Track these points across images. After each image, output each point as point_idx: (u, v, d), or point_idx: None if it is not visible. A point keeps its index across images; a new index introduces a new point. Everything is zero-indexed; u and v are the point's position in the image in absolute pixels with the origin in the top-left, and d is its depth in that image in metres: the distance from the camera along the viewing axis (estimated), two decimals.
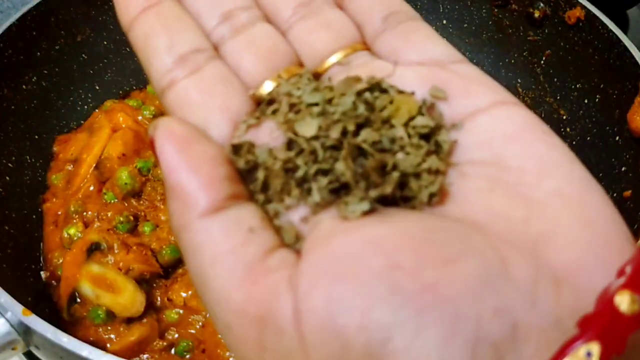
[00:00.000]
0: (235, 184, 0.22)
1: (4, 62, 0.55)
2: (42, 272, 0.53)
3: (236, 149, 0.23)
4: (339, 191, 0.22)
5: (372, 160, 0.22)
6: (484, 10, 0.65)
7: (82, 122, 0.63)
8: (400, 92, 0.23)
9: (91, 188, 0.55)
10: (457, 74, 0.24)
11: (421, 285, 0.18)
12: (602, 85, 0.56)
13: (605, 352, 0.16)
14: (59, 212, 0.55)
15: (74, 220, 0.53)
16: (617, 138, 0.54)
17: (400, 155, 0.22)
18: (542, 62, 0.62)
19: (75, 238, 0.52)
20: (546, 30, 0.61)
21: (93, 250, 0.50)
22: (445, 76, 0.24)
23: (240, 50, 0.25)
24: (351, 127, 0.22)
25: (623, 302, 0.17)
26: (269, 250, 0.20)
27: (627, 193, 0.51)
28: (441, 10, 0.67)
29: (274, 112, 0.24)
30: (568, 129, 0.60)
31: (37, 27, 0.58)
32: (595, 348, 0.16)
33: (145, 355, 0.48)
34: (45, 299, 0.51)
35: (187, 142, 0.21)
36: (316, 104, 0.23)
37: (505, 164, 0.21)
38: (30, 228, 0.55)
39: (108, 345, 0.47)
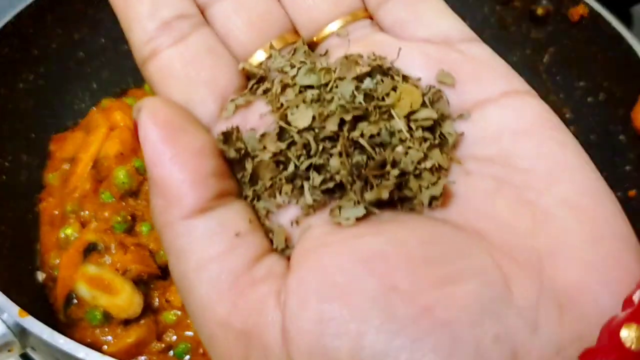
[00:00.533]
0: (222, 179, 0.20)
1: (0, 60, 0.55)
2: (38, 273, 0.53)
3: (226, 137, 0.21)
4: (333, 190, 0.20)
5: (369, 159, 0.20)
6: (486, 8, 0.65)
7: (79, 120, 0.62)
8: (405, 77, 0.22)
9: (88, 187, 0.55)
10: (467, 56, 0.22)
11: (417, 309, 0.17)
12: (605, 84, 0.56)
13: None
14: (56, 212, 0.55)
15: (71, 220, 0.53)
16: (621, 137, 0.53)
17: (400, 150, 0.20)
18: (545, 60, 0.62)
19: (71, 238, 0.52)
20: (549, 28, 0.61)
21: (90, 250, 0.50)
22: (454, 58, 0.22)
23: (229, 14, 0.23)
24: (348, 119, 0.20)
25: (629, 336, 0.16)
26: (257, 257, 0.19)
27: (632, 192, 0.51)
28: None
29: (265, 91, 0.22)
30: (572, 128, 0.59)
31: (34, 25, 0.57)
32: None
33: (143, 357, 0.48)
34: (42, 300, 0.51)
35: (174, 129, 0.20)
36: (311, 87, 0.21)
37: (514, 163, 0.20)
38: (26, 228, 0.54)
39: (105, 347, 0.47)
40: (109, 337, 0.47)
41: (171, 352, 0.49)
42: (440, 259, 0.18)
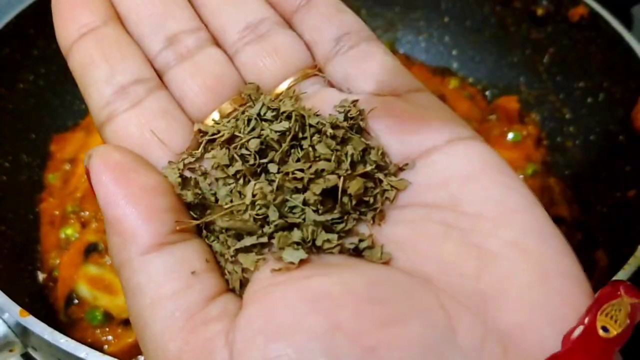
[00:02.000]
0: (179, 215, 0.20)
1: (1, 61, 0.54)
2: (39, 273, 0.52)
3: (184, 182, 0.22)
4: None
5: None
6: (486, 8, 0.65)
7: (79, 121, 0.62)
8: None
9: (88, 188, 0.55)
10: (412, 106, 0.23)
11: (361, 349, 0.17)
12: (605, 84, 0.55)
13: None
14: (56, 212, 0.55)
15: (71, 221, 0.53)
16: (621, 137, 0.53)
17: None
18: (545, 60, 0.62)
19: (72, 239, 0.52)
20: (549, 29, 0.61)
21: (90, 251, 0.50)
22: (400, 108, 0.23)
23: (185, 79, 0.24)
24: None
25: None
26: (212, 296, 0.19)
27: (631, 193, 0.50)
28: (443, 8, 0.66)
29: (214, 147, 0.23)
30: (571, 128, 0.59)
31: (34, 25, 0.57)
32: None
33: (143, 357, 0.48)
34: (43, 300, 0.51)
35: (125, 171, 0.20)
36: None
37: (462, 208, 0.20)
38: (27, 228, 0.54)
39: (105, 346, 0.47)
40: (110, 337, 0.47)
41: None
42: (385, 300, 0.18)
